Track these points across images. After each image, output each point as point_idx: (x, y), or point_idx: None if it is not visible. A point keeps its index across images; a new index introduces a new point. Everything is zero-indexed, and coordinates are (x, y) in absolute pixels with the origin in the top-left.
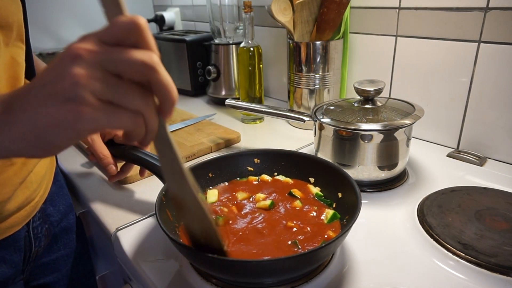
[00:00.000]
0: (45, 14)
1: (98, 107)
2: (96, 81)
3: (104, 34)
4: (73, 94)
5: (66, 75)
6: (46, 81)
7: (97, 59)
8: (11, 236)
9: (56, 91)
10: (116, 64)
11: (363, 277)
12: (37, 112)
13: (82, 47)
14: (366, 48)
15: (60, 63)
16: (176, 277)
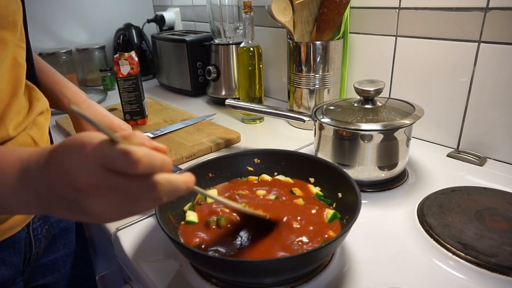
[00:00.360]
0: (45, 14)
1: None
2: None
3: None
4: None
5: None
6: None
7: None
8: (11, 238)
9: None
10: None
11: (363, 277)
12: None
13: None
14: (366, 48)
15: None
16: (176, 277)
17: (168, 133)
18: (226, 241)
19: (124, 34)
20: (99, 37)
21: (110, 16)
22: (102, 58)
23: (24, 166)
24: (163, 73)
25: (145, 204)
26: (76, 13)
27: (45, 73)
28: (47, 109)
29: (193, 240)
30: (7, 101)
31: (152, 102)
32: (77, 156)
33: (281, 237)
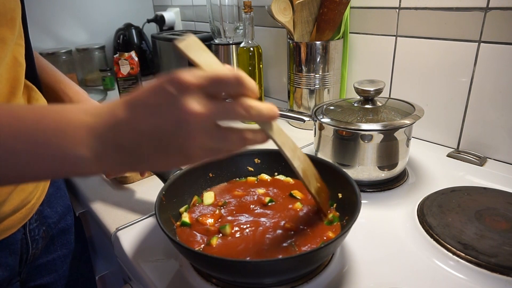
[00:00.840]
0: (45, 14)
1: (202, 155)
2: (206, 138)
3: (210, 87)
4: (190, 151)
5: (183, 134)
6: (160, 134)
7: (211, 118)
8: (6, 239)
9: (175, 146)
10: (226, 118)
11: (363, 277)
12: (153, 159)
13: (196, 112)
14: (366, 48)
15: (175, 122)
16: (176, 277)
17: None
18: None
19: (124, 34)
20: (99, 37)
21: (110, 16)
22: (102, 58)
23: (92, 121)
24: (163, 73)
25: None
26: (76, 13)
27: (47, 72)
28: None
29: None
30: (6, 101)
31: None
32: (174, 87)
33: (277, 240)
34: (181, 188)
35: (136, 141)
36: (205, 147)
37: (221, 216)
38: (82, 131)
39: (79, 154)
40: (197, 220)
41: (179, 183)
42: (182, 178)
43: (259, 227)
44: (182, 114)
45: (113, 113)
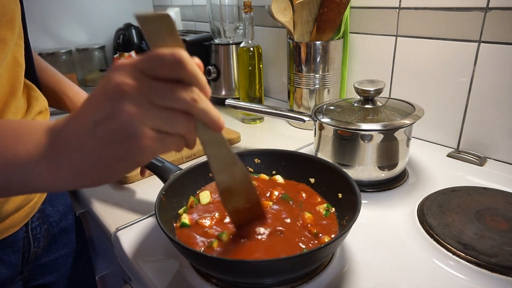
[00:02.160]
0: (45, 14)
1: (154, 138)
2: (147, 115)
3: (146, 66)
4: (132, 131)
5: (118, 113)
6: (96, 119)
7: (143, 94)
8: (9, 237)
9: (113, 129)
10: (163, 100)
11: (363, 277)
12: (98, 152)
13: (126, 83)
14: (366, 48)
15: (106, 100)
16: (176, 277)
17: None
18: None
19: (124, 34)
20: (99, 37)
21: (110, 16)
22: (102, 58)
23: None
24: None
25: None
26: (76, 13)
27: (46, 73)
28: (46, 108)
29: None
30: (5, 101)
31: None
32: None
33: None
34: (181, 188)
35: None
36: (151, 124)
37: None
38: (38, 132)
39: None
40: (196, 222)
41: (179, 183)
42: (182, 178)
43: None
44: (110, 88)
45: (65, 118)
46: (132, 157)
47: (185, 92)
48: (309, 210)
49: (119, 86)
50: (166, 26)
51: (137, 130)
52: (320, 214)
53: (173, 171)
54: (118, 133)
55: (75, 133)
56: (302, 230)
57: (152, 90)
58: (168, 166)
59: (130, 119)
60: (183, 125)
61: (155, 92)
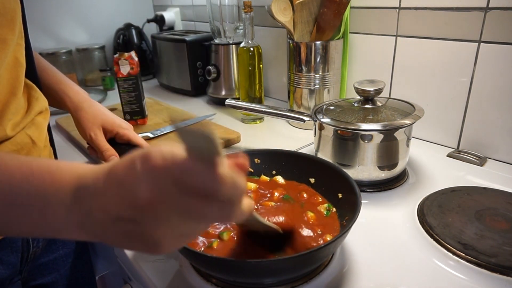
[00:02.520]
0: (45, 14)
1: (173, 244)
2: (172, 229)
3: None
4: (151, 241)
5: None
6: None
7: (173, 212)
8: (8, 237)
9: (135, 234)
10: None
11: (363, 277)
12: (122, 243)
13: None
14: (366, 48)
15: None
16: (176, 277)
17: (168, 133)
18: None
19: (124, 34)
20: (99, 37)
21: (110, 16)
22: (102, 58)
23: (81, 182)
24: (163, 73)
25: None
26: (76, 13)
27: (47, 72)
28: (46, 108)
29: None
30: (5, 101)
31: (152, 102)
32: (142, 167)
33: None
34: None
35: (104, 220)
36: (173, 236)
37: None
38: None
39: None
40: None
41: None
42: None
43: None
44: (136, 198)
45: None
46: (148, 253)
47: (222, 210)
48: (312, 210)
49: (147, 201)
50: (207, 145)
51: (158, 242)
52: (321, 214)
53: None
54: (138, 239)
55: (101, 216)
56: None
57: (184, 209)
58: None
59: (152, 235)
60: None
61: (188, 211)
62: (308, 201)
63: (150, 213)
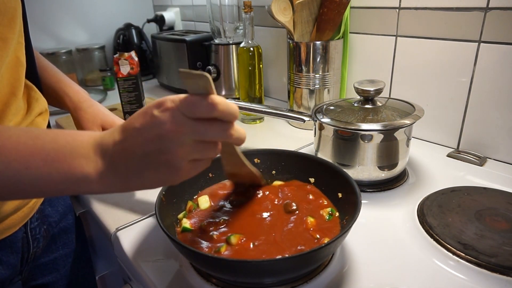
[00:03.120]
0: (45, 14)
1: (190, 168)
2: (189, 151)
3: (188, 110)
4: (175, 163)
5: (167, 151)
6: (146, 151)
7: (187, 135)
8: (8, 238)
9: (160, 160)
10: (202, 138)
11: (363, 277)
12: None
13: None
14: (366, 48)
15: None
16: (176, 277)
17: None
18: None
19: (124, 34)
20: (99, 37)
21: (110, 16)
22: (102, 58)
23: (99, 139)
24: (163, 73)
25: (214, 150)
26: (76, 13)
27: (47, 72)
28: (46, 109)
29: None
30: (6, 101)
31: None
32: (159, 110)
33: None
34: (181, 188)
35: (129, 159)
36: (190, 158)
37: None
38: (90, 148)
39: (85, 171)
40: (200, 228)
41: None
42: None
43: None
44: (161, 131)
45: (113, 135)
46: (168, 181)
47: (221, 128)
48: (313, 215)
49: (167, 129)
50: (203, 83)
51: (180, 165)
52: (323, 219)
53: None
54: (164, 166)
55: (125, 157)
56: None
57: (194, 130)
58: None
59: (176, 155)
60: (214, 151)
61: (197, 131)
62: (314, 203)
63: (172, 140)
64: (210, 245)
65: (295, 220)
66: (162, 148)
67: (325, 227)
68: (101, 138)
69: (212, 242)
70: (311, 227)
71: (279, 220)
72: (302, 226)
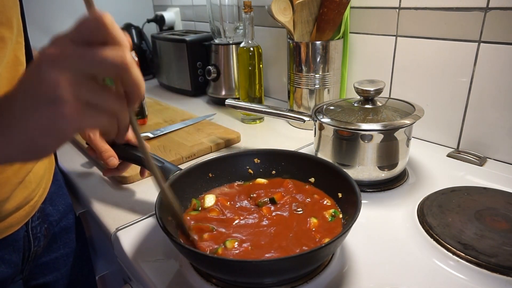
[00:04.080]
0: (44, 14)
1: (78, 108)
2: (74, 83)
3: (74, 34)
4: (53, 96)
5: (44, 79)
6: (27, 86)
7: (71, 61)
8: (9, 236)
9: (38, 95)
10: (90, 66)
11: (363, 277)
12: (25, 118)
13: (56, 51)
14: (366, 48)
15: (38, 68)
16: (176, 277)
17: (168, 133)
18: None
19: None
20: None
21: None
22: None
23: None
24: (163, 73)
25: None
26: (76, 13)
27: None
28: None
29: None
30: None
31: (152, 102)
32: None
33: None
34: (181, 188)
35: (11, 106)
36: (77, 93)
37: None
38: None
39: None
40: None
41: (179, 183)
42: (182, 178)
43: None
44: (42, 57)
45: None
46: (54, 124)
47: (111, 51)
48: (316, 216)
49: (49, 54)
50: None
51: (60, 95)
52: (325, 220)
53: (173, 171)
54: (42, 98)
55: (10, 99)
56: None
57: (80, 55)
58: (168, 166)
59: (54, 84)
60: (113, 100)
61: (83, 56)
62: (317, 203)
63: (53, 64)
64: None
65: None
66: (40, 77)
67: (327, 228)
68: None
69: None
70: (313, 227)
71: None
72: (305, 227)
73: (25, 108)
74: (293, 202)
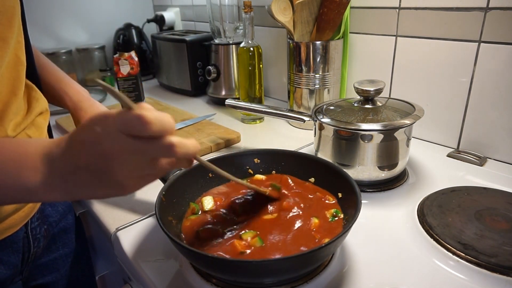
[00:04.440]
0: (45, 14)
1: (137, 183)
2: (133, 169)
3: (124, 129)
4: (119, 182)
5: (111, 170)
6: (91, 167)
7: (128, 154)
8: (8, 237)
9: (105, 179)
10: (143, 155)
11: (363, 277)
12: (93, 189)
13: (112, 148)
14: (366, 48)
15: (98, 156)
16: (176, 277)
17: None
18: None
19: (124, 34)
20: (99, 37)
21: (110, 16)
22: (102, 58)
23: (47, 149)
24: (163, 73)
25: (163, 166)
26: (76, 13)
27: (47, 70)
28: (46, 109)
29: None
30: (6, 101)
31: (152, 102)
32: (100, 127)
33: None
34: (181, 188)
35: (76, 172)
36: (134, 176)
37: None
38: (37, 159)
39: (33, 182)
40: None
41: (179, 184)
42: (182, 179)
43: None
44: (102, 150)
45: (60, 146)
46: (117, 195)
47: (161, 145)
48: (318, 216)
49: (109, 150)
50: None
51: (125, 183)
52: (326, 219)
53: (173, 171)
54: (109, 183)
55: (72, 170)
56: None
57: (134, 149)
58: None
59: (119, 176)
60: (164, 166)
61: (137, 150)
62: (320, 201)
63: (114, 159)
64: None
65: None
66: (105, 167)
67: (327, 228)
68: (49, 148)
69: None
70: (314, 228)
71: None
72: (306, 227)
73: (91, 180)
74: (295, 197)
